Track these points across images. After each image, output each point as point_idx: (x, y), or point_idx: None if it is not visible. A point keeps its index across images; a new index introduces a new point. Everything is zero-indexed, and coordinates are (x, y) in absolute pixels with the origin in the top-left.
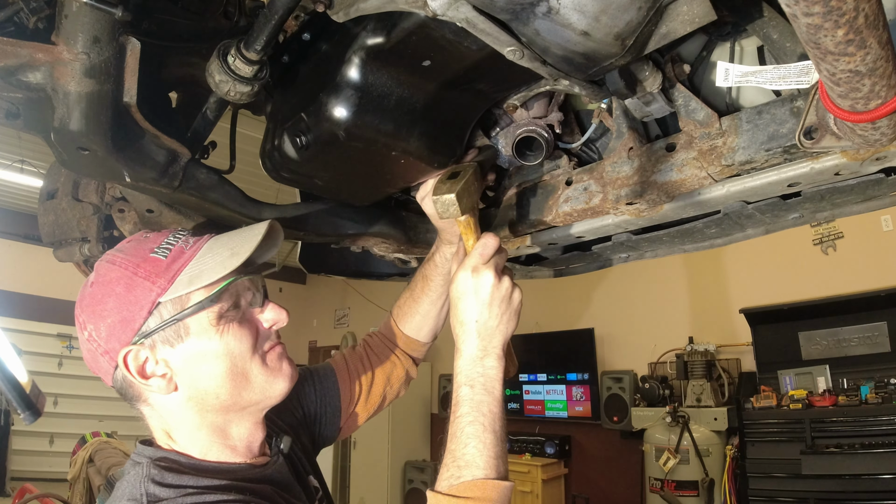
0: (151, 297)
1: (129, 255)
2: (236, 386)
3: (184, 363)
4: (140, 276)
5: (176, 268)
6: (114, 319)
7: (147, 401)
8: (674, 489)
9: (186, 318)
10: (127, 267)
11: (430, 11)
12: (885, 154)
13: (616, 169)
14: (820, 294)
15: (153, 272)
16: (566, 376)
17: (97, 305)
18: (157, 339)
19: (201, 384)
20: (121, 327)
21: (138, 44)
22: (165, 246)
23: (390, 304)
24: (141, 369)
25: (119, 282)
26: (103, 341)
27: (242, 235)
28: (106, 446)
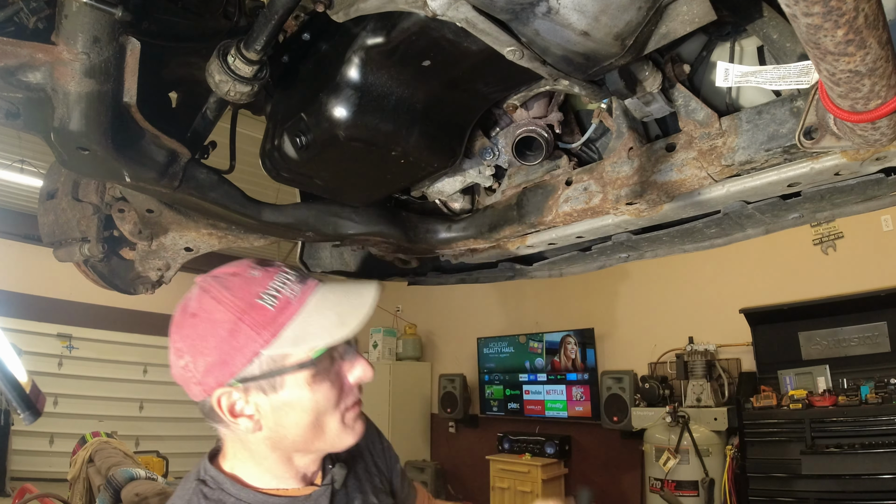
0: (254, 348)
1: (236, 296)
2: (313, 435)
3: (272, 410)
4: (245, 322)
5: (281, 321)
6: (214, 359)
7: (228, 426)
8: (674, 489)
9: (286, 377)
10: (233, 311)
11: (430, 11)
12: (885, 154)
13: (616, 169)
14: (820, 294)
15: (259, 322)
16: (566, 376)
17: (198, 341)
18: (252, 385)
19: (283, 430)
20: (219, 368)
21: (138, 44)
22: (273, 293)
23: (390, 304)
24: (231, 408)
25: (224, 324)
26: (199, 375)
27: (350, 299)
28: (106, 446)
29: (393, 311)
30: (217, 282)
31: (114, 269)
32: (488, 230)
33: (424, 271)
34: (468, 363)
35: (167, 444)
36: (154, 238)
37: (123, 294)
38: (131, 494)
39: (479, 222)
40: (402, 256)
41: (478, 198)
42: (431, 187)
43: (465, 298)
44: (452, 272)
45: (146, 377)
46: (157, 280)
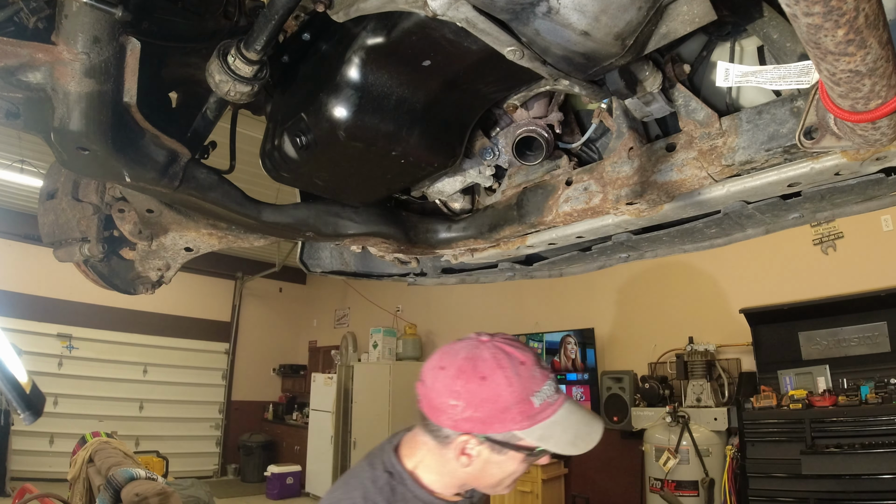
0: (512, 428)
1: (522, 386)
2: (488, 484)
3: (484, 462)
4: (517, 409)
5: (539, 419)
6: (480, 416)
7: (441, 445)
8: (674, 489)
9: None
10: (514, 397)
11: (430, 11)
12: (885, 154)
13: (616, 169)
14: (820, 294)
15: (525, 414)
16: (566, 376)
17: (477, 400)
18: (488, 443)
19: (480, 474)
20: (479, 424)
21: (138, 44)
22: (542, 395)
23: (390, 304)
24: (464, 449)
25: (503, 402)
26: (461, 418)
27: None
28: (106, 446)
29: (393, 311)
30: (511, 363)
31: (114, 269)
32: (488, 230)
33: (424, 271)
34: None
35: (167, 444)
36: (154, 238)
37: (123, 294)
38: (131, 494)
39: (479, 222)
40: (401, 256)
41: (478, 198)
42: (431, 187)
43: (465, 298)
44: (452, 272)
45: (146, 377)
46: (157, 280)
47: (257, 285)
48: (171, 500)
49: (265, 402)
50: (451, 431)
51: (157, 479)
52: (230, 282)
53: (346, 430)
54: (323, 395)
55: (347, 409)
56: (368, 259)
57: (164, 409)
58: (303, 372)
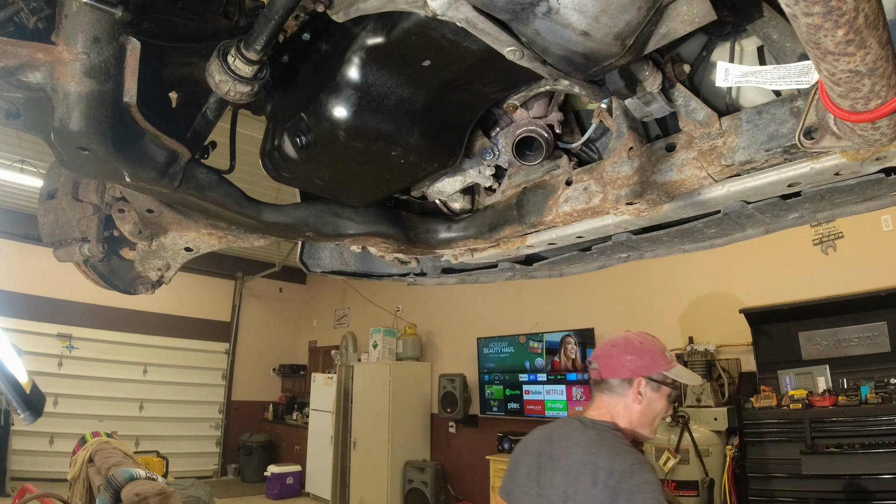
0: (661, 368)
1: (660, 346)
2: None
3: (648, 400)
4: (661, 358)
5: (672, 365)
6: (644, 363)
7: (621, 397)
8: (674, 489)
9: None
10: (659, 350)
11: (430, 11)
12: (885, 154)
13: (616, 169)
14: (820, 294)
15: (666, 360)
16: (566, 376)
17: (641, 353)
18: (651, 383)
19: (645, 410)
20: (644, 368)
21: (138, 44)
22: (669, 353)
23: (390, 304)
24: (637, 388)
25: (654, 353)
26: (634, 367)
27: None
28: (106, 446)
29: (393, 311)
30: (650, 337)
31: (114, 269)
32: (488, 230)
33: (424, 271)
34: (468, 363)
35: (167, 444)
36: (154, 238)
37: (123, 294)
38: (131, 494)
39: (479, 222)
40: (401, 256)
41: (478, 198)
42: (431, 187)
43: (465, 298)
44: (452, 272)
45: (146, 377)
46: (157, 280)
47: (257, 285)
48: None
49: (265, 402)
50: (630, 378)
51: (157, 479)
52: (230, 282)
53: (346, 430)
54: (323, 395)
55: (347, 409)
56: (368, 259)
57: (164, 409)
58: (303, 372)
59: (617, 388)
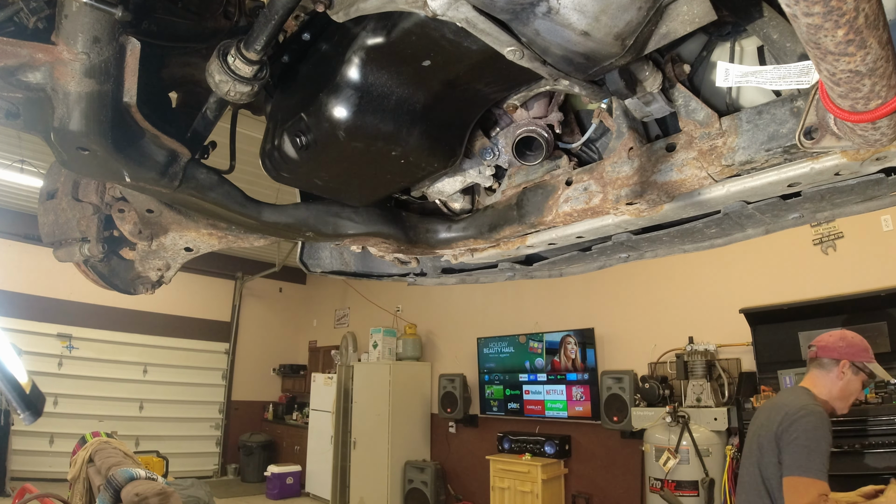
0: (862, 358)
1: (865, 344)
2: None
3: (847, 380)
4: (865, 351)
5: (872, 359)
6: (852, 350)
7: (828, 372)
8: (674, 489)
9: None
10: (864, 345)
11: (430, 11)
12: (885, 154)
13: (616, 169)
14: (820, 294)
15: (868, 353)
16: (566, 376)
17: (850, 342)
18: (854, 365)
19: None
20: (851, 354)
21: (138, 44)
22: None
23: (390, 304)
24: (843, 369)
25: (861, 345)
26: (844, 352)
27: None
28: (106, 446)
29: (393, 311)
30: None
31: (114, 269)
32: (488, 230)
33: (424, 271)
34: (468, 363)
35: (167, 444)
36: (154, 238)
37: (123, 294)
38: (131, 494)
39: (479, 222)
40: (401, 256)
41: (478, 198)
42: (431, 187)
43: (465, 298)
44: (452, 272)
45: (146, 377)
46: (157, 280)
47: (257, 285)
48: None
49: (265, 402)
50: (839, 359)
51: (157, 479)
52: (230, 282)
53: (346, 430)
54: (323, 395)
55: (347, 409)
56: (368, 259)
57: (164, 409)
58: (303, 372)
59: (827, 365)
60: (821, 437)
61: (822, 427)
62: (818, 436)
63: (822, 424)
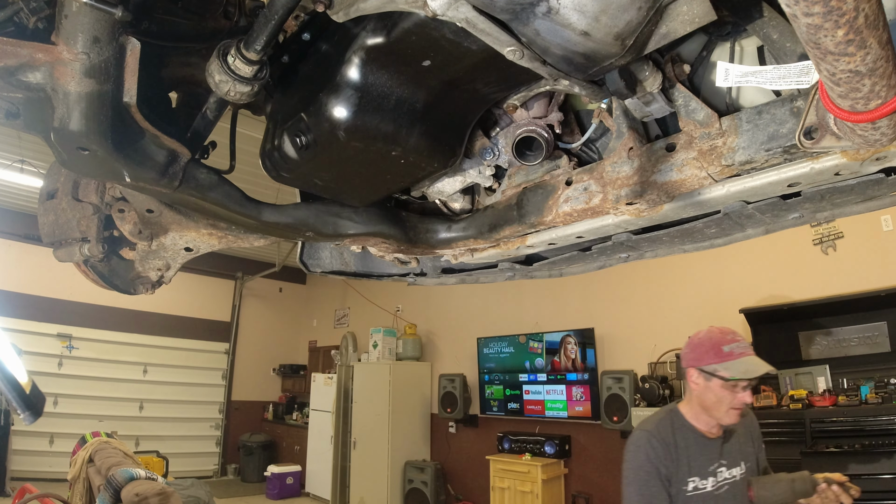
0: (710, 361)
1: (714, 341)
2: (710, 409)
3: (702, 388)
4: (711, 352)
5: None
6: (695, 356)
7: (686, 383)
8: None
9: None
10: (710, 344)
11: (430, 11)
12: (885, 154)
13: (616, 169)
14: (820, 294)
15: (717, 354)
16: (566, 376)
17: (692, 346)
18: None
19: (701, 398)
20: (695, 360)
21: (138, 44)
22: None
23: (390, 304)
24: (690, 377)
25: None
26: (688, 359)
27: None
28: (106, 446)
29: (393, 311)
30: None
31: (114, 269)
32: (488, 230)
33: (424, 271)
34: (468, 363)
35: (167, 444)
36: (154, 238)
37: (123, 294)
38: (131, 494)
39: (479, 222)
40: (401, 256)
41: (478, 198)
42: (431, 187)
43: (465, 298)
44: (452, 272)
45: (146, 377)
46: (157, 280)
47: (257, 285)
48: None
49: (265, 402)
50: (686, 367)
51: (157, 479)
52: (230, 282)
53: (346, 430)
54: (323, 395)
55: (347, 409)
56: (368, 259)
57: (164, 409)
58: (303, 372)
59: (685, 374)
60: (636, 467)
61: (636, 453)
62: (633, 465)
63: (637, 449)
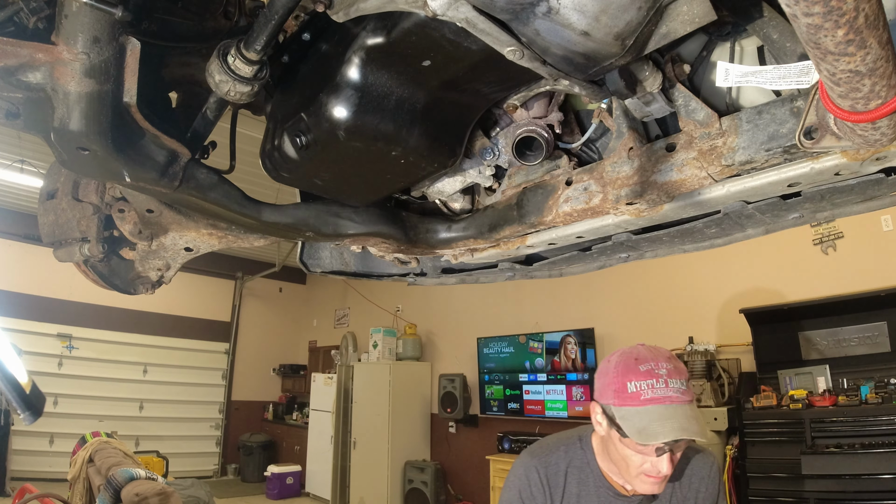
0: (609, 401)
1: (621, 372)
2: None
3: (606, 432)
4: (612, 386)
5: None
6: (598, 387)
7: None
8: None
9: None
10: (614, 377)
11: (430, 11)
12: (885, 154)
13: (616, 169)
14: (820, 294)
15: (618, 392)
16: (566, 376)
17: (600, 374)
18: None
19: (607, 443)
20: (598, 393)
21: (138, 44)
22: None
23: (390, 304)
24: (593, 412)
25: (608, 378)
26: (595, 387)
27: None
28: (106, 446)
29: (393, 311)
30: (626, 358)
31: (114, 269)
32: (488, 230)
33: (424, 271)
34: (468, 363)
35: (167, 444)
36: (154, 238)
37: (123, 294)
38: (131, 494)
39: (479, 222)
40: (401, 256)
41: (478, 198)
42: (431, 187)
43: (465, 298)
44: (452, 272)
45: (146, 377)
46: (157, 280)
47: (257, 285)
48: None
49: (265, 402)
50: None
51: (157, 479)
52: (230, 282)
53: (346, 430)
54: (323, 395)
55: (347, 409)
56: (368, 259)
57: (164, 409)
58: (303, 372)
59: None
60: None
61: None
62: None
63: (512, 480)
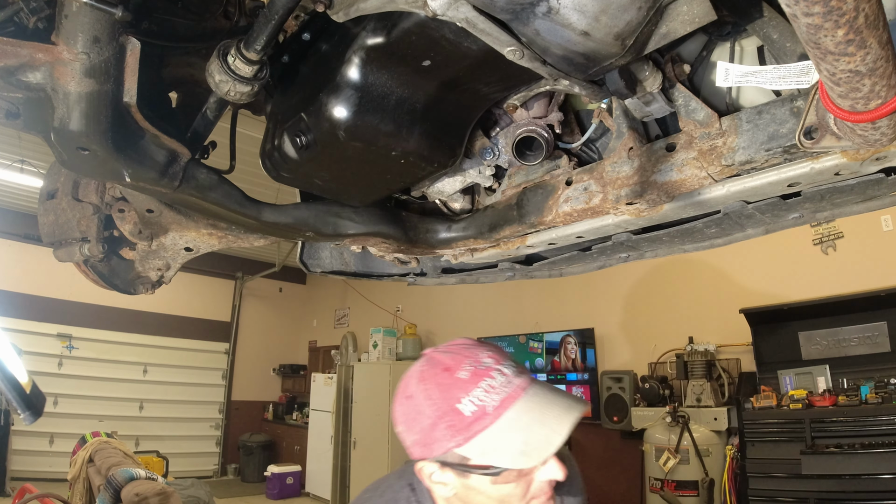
0: (448, 446)
1: (442, 397)
2: None
3: (462, 487)
4: (443, 423)
5: (475, 430)
6: (417, 438)
7: None
8: (674, 489)
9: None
10: (435, 411)
11: (430, 11)
12: (885, 154)
13: (616, 169)
14: (820, 294)
15: (453, 427)
16: (566, 376)
17: (409, 420)
18: (447, 466)
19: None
20: (421, 447)
21: (138, 44)
22: (474, 399)
23: (390, 304)
24: (430, 476)
25: (427, 419)
26: (408, 444)
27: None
28: (106, 446)
29: (393, 311)
30: (432, 373)
31: (114, 269)
32: (488, 230)
33: (424, 271)
34: None
35: (167, 444)
36: (154, 238)
37: (123, 294)
38: (131, 494)
39: (479, 222)
40: (401, 256)
41: (478, 198)
42: (431, 187)
43: (465, 298)
44: (452, 272)
45: (146, 377)
46: (157, 280)
47: (257, 285)
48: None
49: (265, 402)
50: (415, 459)
51: (157, 479)
52: (230, 282)
53: (346, 430)
54: (323, 395)
55: (347, 409)
56: (368, 259)
57: (164, 409)
58: (303, 372)
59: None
60: None
61: None
62: None
63: None
